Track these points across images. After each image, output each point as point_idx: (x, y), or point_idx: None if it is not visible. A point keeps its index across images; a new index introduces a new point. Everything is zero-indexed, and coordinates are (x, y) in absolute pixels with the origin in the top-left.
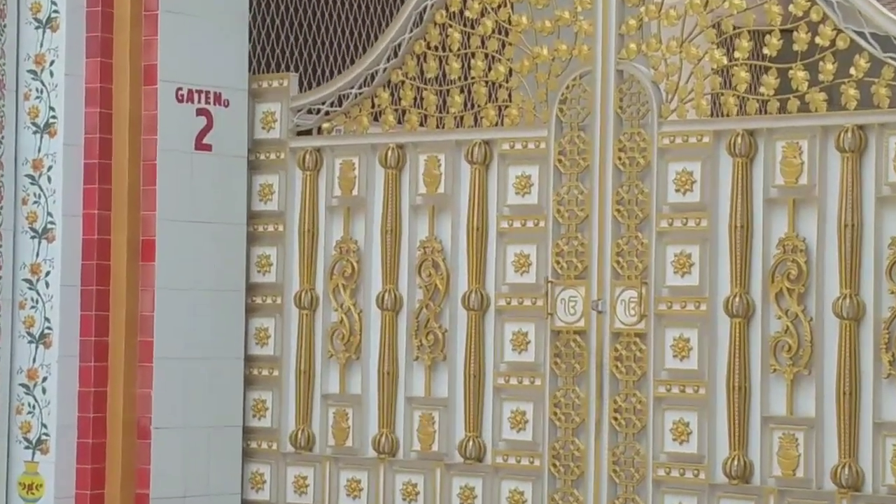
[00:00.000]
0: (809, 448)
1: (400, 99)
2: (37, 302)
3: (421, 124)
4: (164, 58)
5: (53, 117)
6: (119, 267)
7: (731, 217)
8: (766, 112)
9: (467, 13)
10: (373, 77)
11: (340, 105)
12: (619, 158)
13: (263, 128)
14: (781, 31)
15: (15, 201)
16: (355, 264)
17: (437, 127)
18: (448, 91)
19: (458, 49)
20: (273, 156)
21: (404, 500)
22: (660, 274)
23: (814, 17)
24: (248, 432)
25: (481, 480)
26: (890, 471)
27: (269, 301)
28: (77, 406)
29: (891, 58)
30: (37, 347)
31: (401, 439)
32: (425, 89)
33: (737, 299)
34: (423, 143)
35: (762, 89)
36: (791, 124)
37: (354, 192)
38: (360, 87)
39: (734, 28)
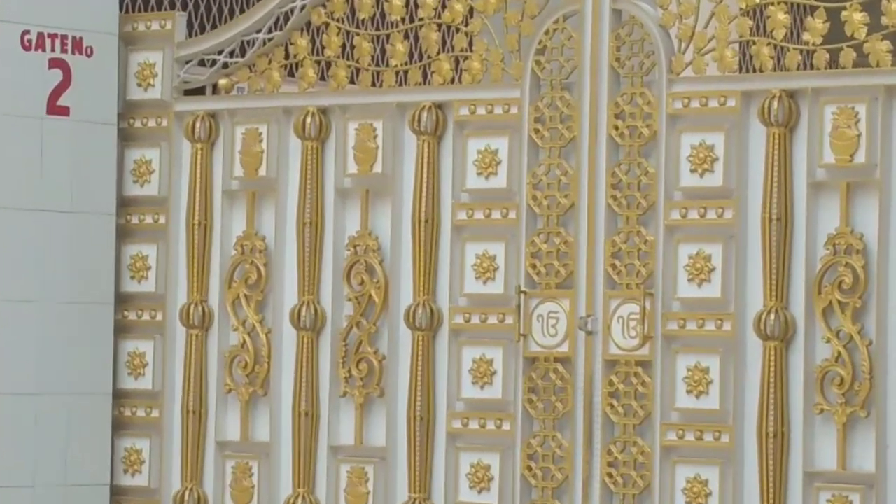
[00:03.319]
0: None
1: (323, 47)
2: None
3: (351, 81)
4: None
5: None
6: None
7: (764, 206)
8: (811, 67)
9: None
10: (286, 17)
11: (243, 55)
12: (616, 128)
13: (139, 85)
14: None
15: None
16: (262, 268)
17: (373, 85)
18: (387, 37)
19: None
20: (152, 122)
21: None
22: (669, 282)
23: None
24: (118, 493)
25: None
26: None
27: (145, 317)
28: None
29: None
30: None
31: (323, 502)
32: (357, 34)
33: (772, 316)
34: (354, 105)
35: (806, 36)
36: (844, 83)
37: (262, 172)
38: (269, 31)
39: None
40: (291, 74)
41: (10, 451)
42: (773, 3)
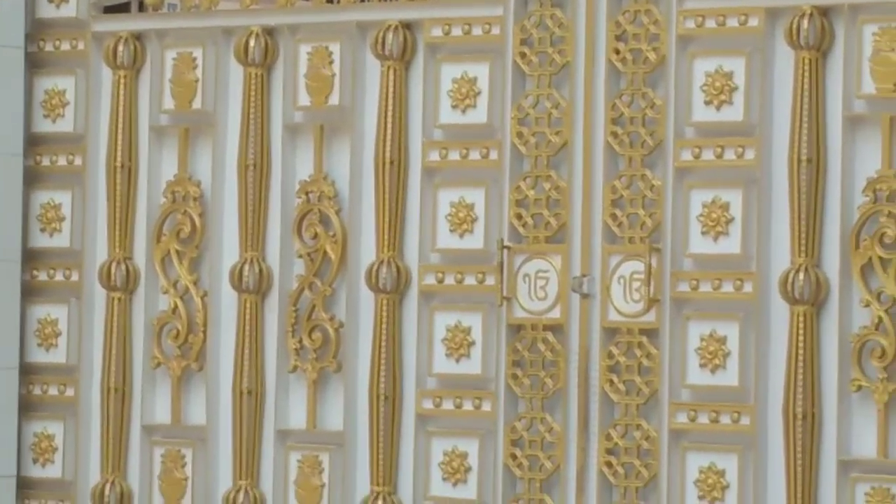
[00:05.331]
0: None
1: None
2: None
3: None
4: None
5: None
6: None
7: (791, 145)
8: None
9: None
10: None
11: None
12: (617, 52)
13: (51, 1)
14: None
15: None
16: (197, 219)
17: (328, 0)
18: None
19: None
20: (66, 45)
21: None
22: (680, 235)
23: None
24: (26, 486)
25: None
26: None
27: (58, 277)
28: None
29: None
30: None
31: (269, 497)
32: None
33: (801, 276)
34: (305, 25)
35: None
36: None
37: (196, 105)
38: None
39: None
40: None
41: None
42: None
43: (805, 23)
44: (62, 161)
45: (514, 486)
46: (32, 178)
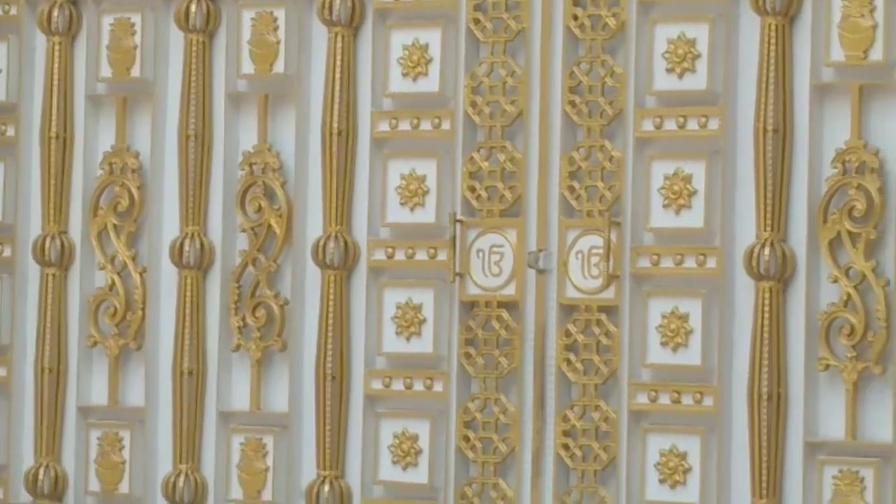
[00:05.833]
0: (884, 490)
1: None
2: None
3: None
4: None
5: None
6: None
7: (757, 115)
8: None
9: None
10: None
11: None
12: (575, 18)
13: None
14: None
15: None
16: (135, 192)
17: None
18: None
19: None
20: None
21: None
22: (641, 208)
23: None
24: None
25: None
26: None
27: None
28: None
29: None
30: None
31: (210, 482)
32: None
33: (766, 250)
34: None
35: None
36: None
37: (135, 73)
38: None
39: None
40: None
41: None
42: None
43: None
44: None
45: (466, 470)
46: None
